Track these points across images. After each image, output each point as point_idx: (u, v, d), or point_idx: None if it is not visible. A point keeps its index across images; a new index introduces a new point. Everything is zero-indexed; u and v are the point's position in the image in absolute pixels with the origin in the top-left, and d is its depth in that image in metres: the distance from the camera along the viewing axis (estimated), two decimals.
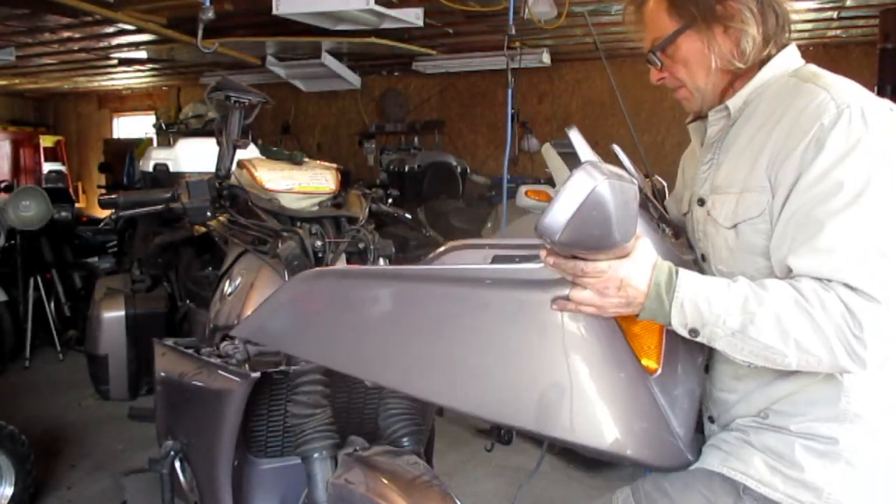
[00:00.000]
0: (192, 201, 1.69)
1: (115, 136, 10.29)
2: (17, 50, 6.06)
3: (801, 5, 4.71)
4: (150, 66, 7.47)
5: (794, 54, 1.27)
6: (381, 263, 1.70)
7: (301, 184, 1.76)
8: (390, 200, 2.00)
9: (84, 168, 10.49)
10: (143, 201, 1.75)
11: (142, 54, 6.78)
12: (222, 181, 1.72)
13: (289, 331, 1.24)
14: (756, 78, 1.25)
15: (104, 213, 4.29)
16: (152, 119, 8.79)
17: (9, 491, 2.72)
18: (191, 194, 1.70)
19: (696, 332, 1.08)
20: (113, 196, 1.75)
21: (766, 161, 1.16)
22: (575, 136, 1.12)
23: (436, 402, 1.30)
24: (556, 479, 3.20)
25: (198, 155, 3.23)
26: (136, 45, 6.29)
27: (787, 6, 1.25)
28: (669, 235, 1.31)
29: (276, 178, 1.74)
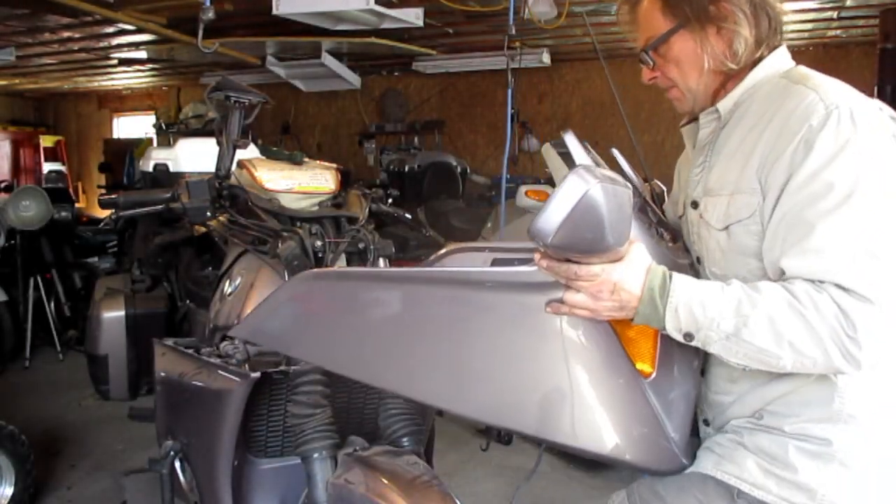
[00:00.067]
0: (192, 201, 1.69)
1: (115, 136, 10.29)
2: (17, 50, 6.06)
3: (801, 5, 4.71)
4: (150, 66, 7.47)
5: (784, 56, 1.27)
6: (381, 263, 1.70)
7: (301, 184, 1.76)
8: (390, 200, 2.00)
9: (84, 168, 10.49)
10: (143, 201, 1.75)
11: (142, 54, 6.78)
12: (222, 181, 1.72)
13: (287, 332, 1.24)
14: (747, 79, 1.25)
15: (104, 213, 4.29)
16: (152, 119, 8.79)
17: (9, 491, 2.72)
18: (191, 194, 1.70)
19: (690, 337, 1.08)
20: (113, 196, 1.75)
21: (756, 163, 1.16)
22: (570, 139, 1.12)
23: (433, 404, 1.30)
24: (556, 480, 3.20)
25: (198, 155, 3.22)
26: (136, 45, 6.29)
27: (779, 9, 1.25)
28: (667, 240, 1.30)
29: (276, 178, 1.74)
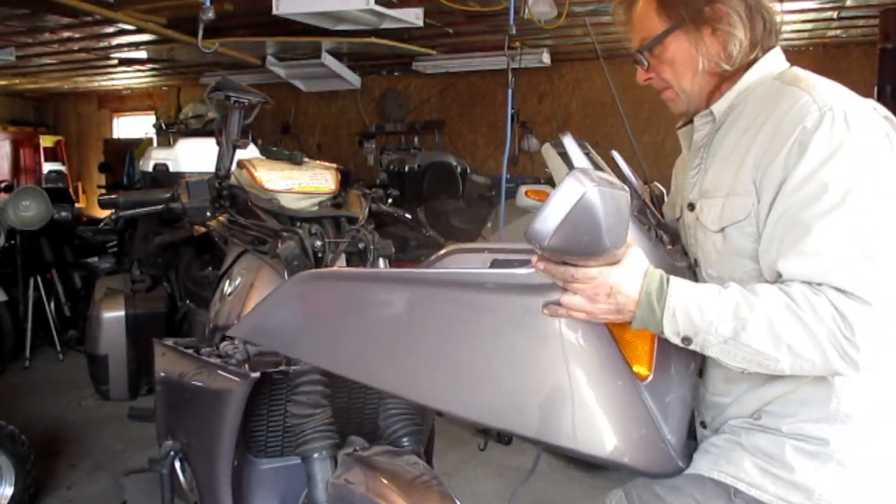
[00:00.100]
0: (191, 201, 1.69)
1: (115, 136, 10.29)
2: (17, 50, 6.06)
3: (801, 5, 4.71)
4: (150, 66, 7.47)
5: (778, 57, 1.27)
6: (381, 263, 1.70)
7: (301, 184, 1.76)
8: (390, 200, 2.00)
9: (84, 168, 10.49)
10: (143, 201, 1.75)
11: (142, 54, 6.78)
12: (222, 181, 1.72)
13: (285, 331, 1.24)
14: (741, 81, 1.25)
15: (104, 213, 4.29)
16: (152, 119, 8.79)
17: (9, 491, 2.73)
18: (191, 194, 1.70)
19: (688, 340, 1.08)
20: (113, 196, 1.76)
21: (750, 165, 1.16)
22: (569, 142, 1.12)
23: (430, 405, 1.30)
24: (556, 480, 3.20)
25: (198, 155, 3.23)
26: (136, 45, 6.29)
27: (774, 12, 1.25)
28: (666, 242, 1.30)
29: (276, 178, 1.74)
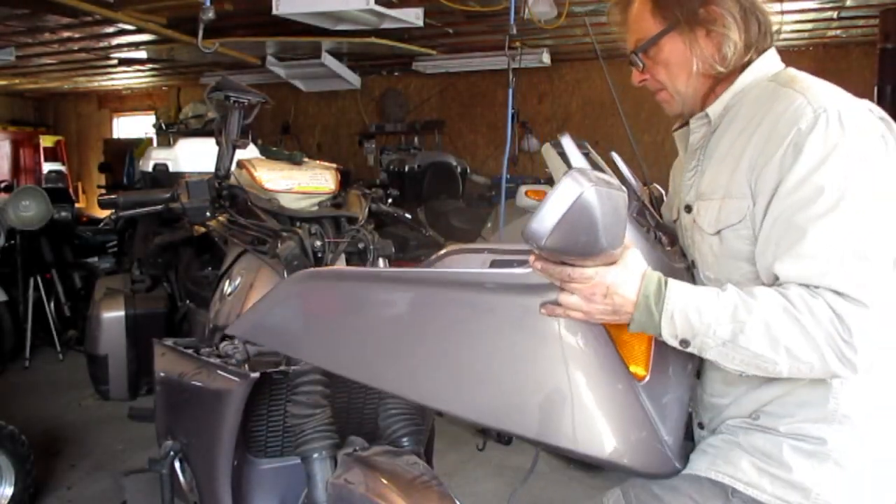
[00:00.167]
0: (191, 201, 1.69)
1: (115, 136, 10.29)
2: (17, 50, 6.06)
3: (801, 5, 4.71)
4: (150, 66, 7.47)
5: (773, 59, 1.27)
6: (381, 263, 1.70)
7: (300, 184, 1.76)
8: (390, 200, 2.00)
9: (84, 168, 10.49)
10: (143, 201, 1.75)
11: (142, 54, 6.78)
12: (222, 181, 1.72)
13: (283, 330, 1.24)
14: (736, 83, 1.25)
15: (104, 213, 4.29)
16: (152, 119, 8.79)
17: (9, 491, 2.73)
18: (190, 194, 1.70)
19: (686, 343, 1.07)
20: (113, 196, 1.76)
21: (746, 167, 1.16)
22: (567, 142, 1.12)
23: (426, 404, 1.29)
24: (556, 480, 3.20)
25: (197, 155, 3.23)
26: (136, 45, 6.29)
27: (769, 14, 1.25)
28: (665, 244, 1.30)
29: (276, 178, 1.74)
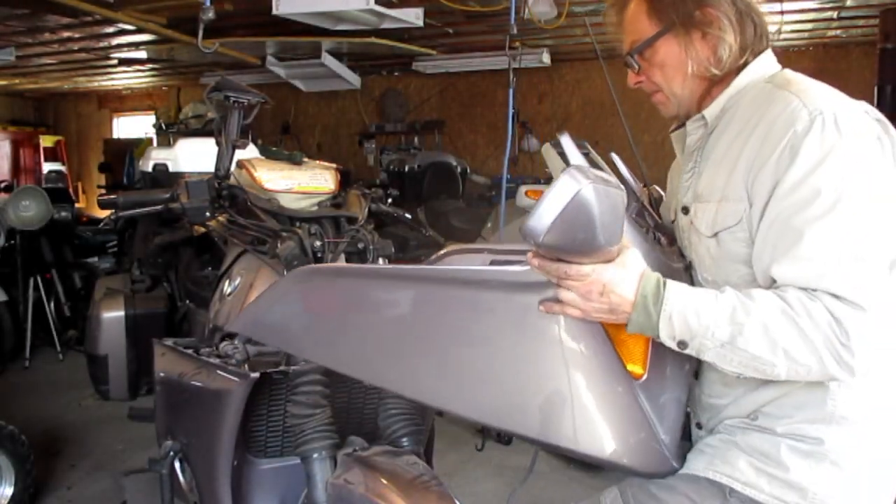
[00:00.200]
0: (191, 201, 1.69)
1: (115, 136, 10.29)
2: (17, 50, 6.06)
3: (801, 5, 4.71)
4: (150, 66, 7.47)
5: (770, 60, 1.27)
6: (381, 263, 1.70)
7: (300, 184, 1.76)
8: (390, 200, 2.00)
9: (84, 168, 10.48)
10: (143, 201, 1.75)
11: (142, 54, 6.78)
12: (221, 181, 1.72)
13: (283, 326, 1.24)
14: (732, 85, 1.25)
15: (104, 213, 4.29)
16: (152, 119, 8.79)
17: (9, 491, 2.73)
18: (190, 194, 1.70)
19: (684, 345, 1.07)
20: (112, 196, 1.76)
21: (742, 170, 1.16)
22: (566, 141, 1.12)
23: (423, 402, 1.29)
24: (556, 480, 3.20)
25: (197, 155, 3.23)
26: (136, 45, 6.29)
27: (765, 16, 1.25)
28: (664, 244, 1.30)
29: (276, 178, 1.74)
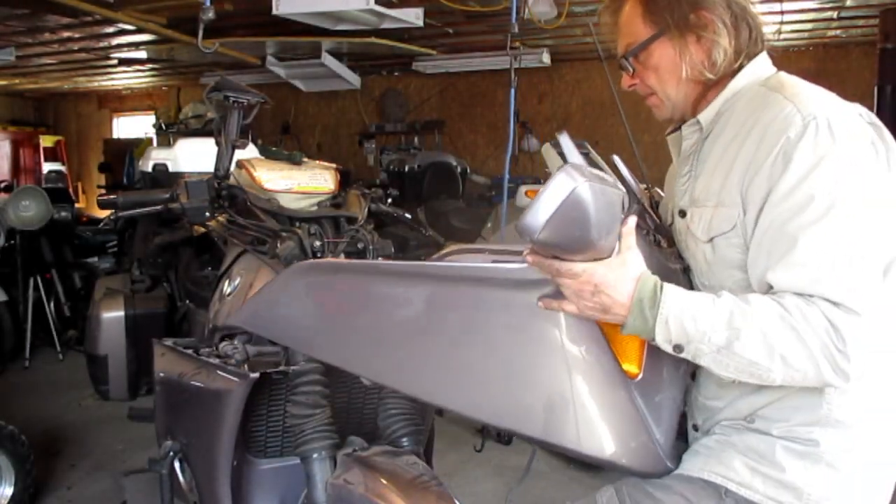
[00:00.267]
0: (190, 201, 1.69)
1: (115, 136, 10.29)
2: (17, 50, 6.06)
3: (801, 5, 4.71)
4: (150, 66, 7.47)
5: (764, 63, 1.26)
6: None
7: (300, 184, 1.76)
8: (390, 200, 2.00)
9: (84, 168, 10.49)
10: (143, 201, 1.75)
11: (142, 54, 6.78)
12: (221, 181, 1.72)
13: (283, 321, 1.24)
14: (727, 89, 1.25)
15: (104, 213, 4.29)
16: (152, 119, 8.79)
17: (9, 491, 2.72)
18: (190, 194, 1.70)
19: (680, 349, 1.07)
20: (112, 196, 1.76)
21: (737, 175, 1.15)
22: (565, 140, 1.12)
23: (419, 398, 1.29)
24: (556, 480, 3.20)
25: (197, 155, 3.23)
26: (136, 45, 6.29)
27: (760, 19, 1.25)
28: (664, 246, 1.30)
29: (275, 178, 1.74)
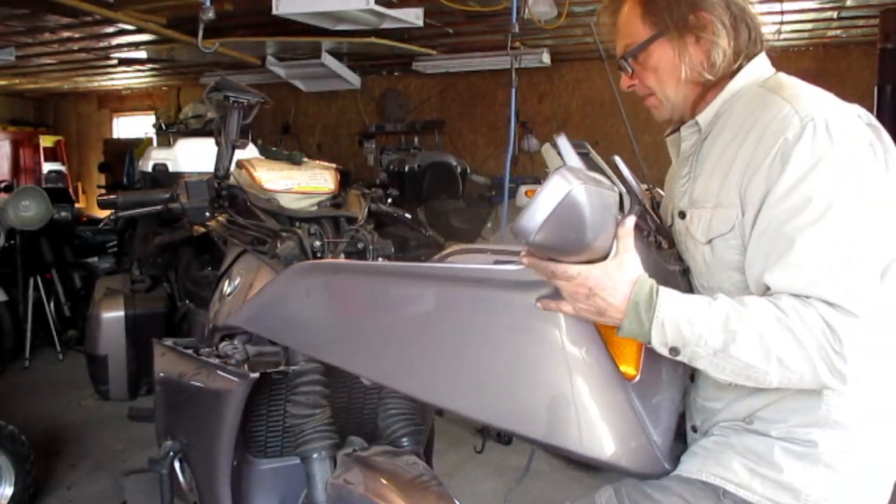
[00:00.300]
0: (190, 201, 1.69)
1: (115, 136, 10.29)
2: (17, 50, 6.06)
3: (801, 5, 4.71)
4: (150, 66, 7.47)
5: (763, 64, 1.26)
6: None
7: (300, 184, 1.76)
8: (390, 200, 2.00)
9: (84, 168, 10.49)
10: (143, 201, 1.75)
11: (142, 54, 6.78)
12: (221, 181, 1.72)
13: (283, 320, 1.24)
14: (726, 90, 1.25)
15: (104, 213, 4.29)
16: (152, 119, 8.79)
17: (9, 491, 2.72)
18: (190, 194, 1.70)
19: (676, 352, 1.07)
20: (112, 196, 1.76)
21: (735, 177, 1.15)
22: (562, 141, 1.12)
23: (418, 398, 1.29)
24: (556, 480, 3.20)
25: (197, 155, 3.23)
26: (136, 45, 6.29)
27: (759, 20, 1.25)
28: (665, 247, 1.30)
29: (275, 178, 1.74)
